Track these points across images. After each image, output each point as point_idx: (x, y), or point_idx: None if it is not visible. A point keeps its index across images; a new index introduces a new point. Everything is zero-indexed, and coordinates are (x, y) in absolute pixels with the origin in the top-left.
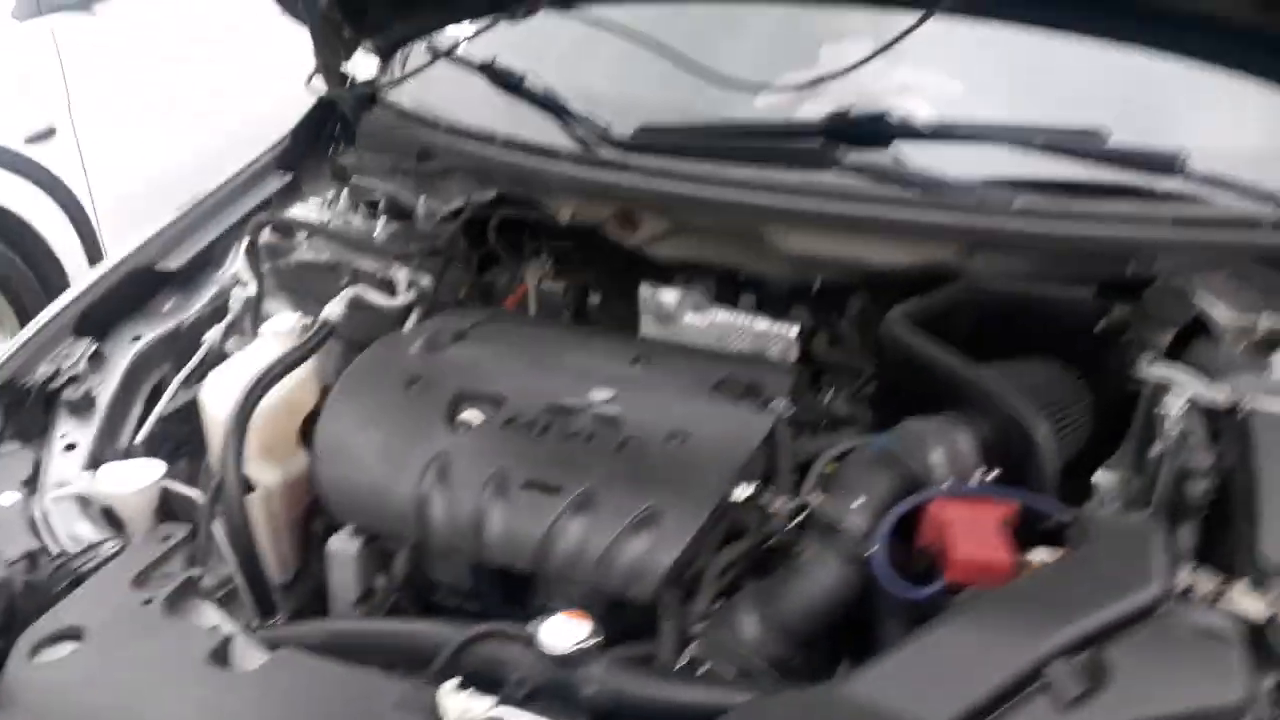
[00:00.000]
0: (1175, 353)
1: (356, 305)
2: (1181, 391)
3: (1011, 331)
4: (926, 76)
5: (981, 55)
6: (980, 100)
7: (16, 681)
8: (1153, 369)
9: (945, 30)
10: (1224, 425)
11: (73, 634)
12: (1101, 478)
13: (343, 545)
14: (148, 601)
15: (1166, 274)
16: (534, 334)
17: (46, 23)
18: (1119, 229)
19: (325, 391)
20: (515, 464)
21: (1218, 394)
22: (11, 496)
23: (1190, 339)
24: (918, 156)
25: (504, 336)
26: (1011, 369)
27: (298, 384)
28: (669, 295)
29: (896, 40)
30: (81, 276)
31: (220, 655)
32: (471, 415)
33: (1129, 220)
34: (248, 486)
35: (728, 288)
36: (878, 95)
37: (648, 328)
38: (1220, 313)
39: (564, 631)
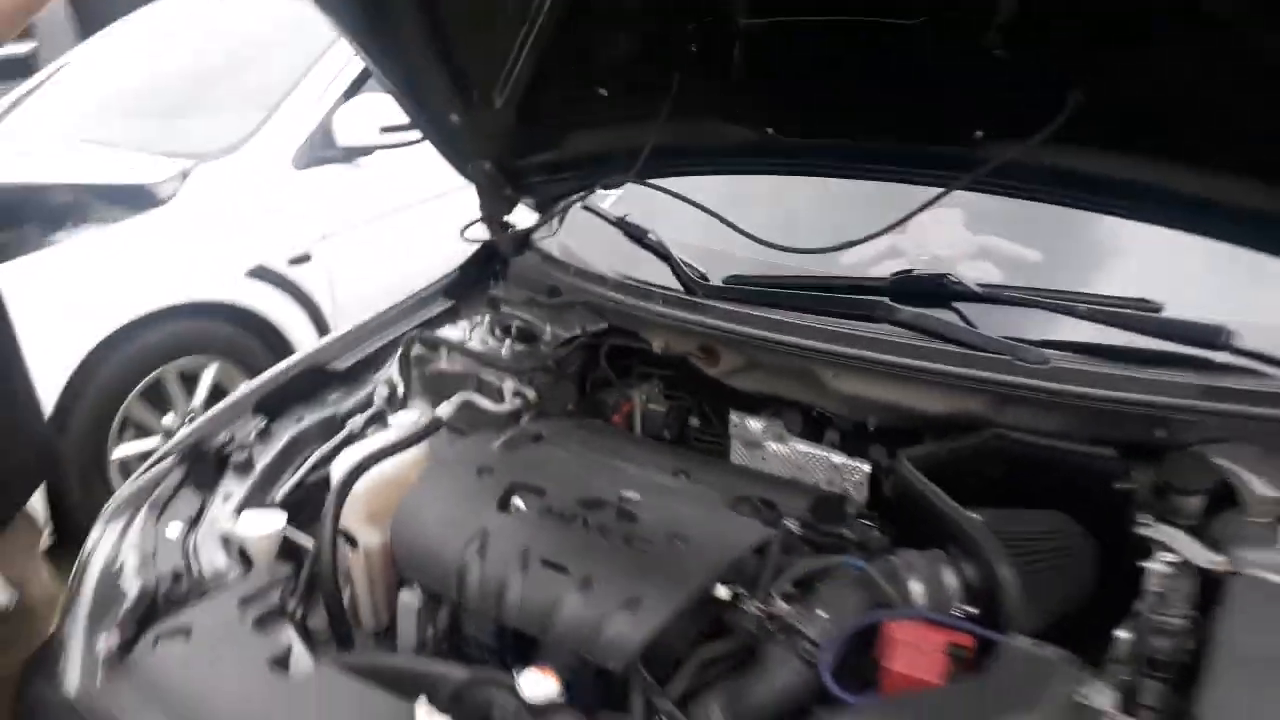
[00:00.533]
0: (1204, 520)
1: (468, 407)
2: (1167, 551)
3: (1036, 482)
4: (1005, 245)
5: (1059, 226)
6: (1055, 268)
7: (139, 660)
8: (1147, 528)
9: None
10: (1213, 590)
11: (184, 631)
12: (1122, 631)
13: (408, 598)
14: (244, 618)
15: (1195, 442)
16: (601, 443)
17: (318, 172)
18: (1149, 395)
19: None
20: (539, 545)
21: (1211, 558)
22: (176, 528)
23: (1221, 508)
24: (978, 317)
25: (575, 443)
26: (1013, 516)
27: (407, 463)
28: (754, 424)
29: (909, 217)
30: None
31: (280, 663)
32: (518, 502)
33: (1161, 388)
34: (353, 543)
35: (813, 422)
36: (953, 259)
37: (737, 453)
38: (1247, 484)
39: (536, 683)
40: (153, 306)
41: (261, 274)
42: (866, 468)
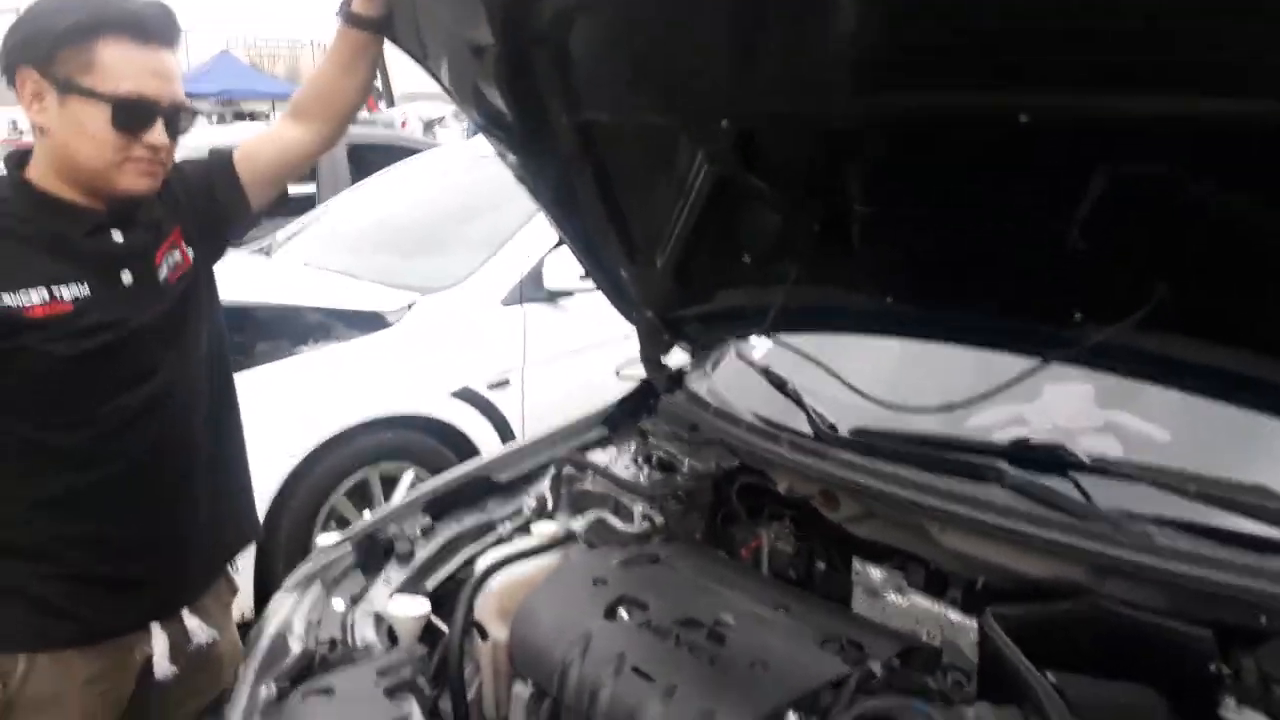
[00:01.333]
0: None
1: (600, 524)
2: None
3: (1127, 655)
4: (1133, 422)
5: (1191, 407)
6: (1182, 449)
7: (288, 709)
8: (1231, 712)
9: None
10: None
11: (327, 690)
12: None
13: (519, 690)
14: (377, 685)
15: None
16: (713, 570)
17: (522, 309)
18: (1253, 580)
19: None
20: (634, 654)
21: None
22: (340, 604)
23: None
24: (1094, 488)
25: (688, 567)
26: (1092, 684)
27: (540, 568)
28: (875, 573)
29: (1005, 386)
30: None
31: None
32: (623, 613)
33: (1267, 574)
34: (484, 635)
35: (935, 578)
36: (1077, 432)
37: (859, 600)
38: None
39: None
40: (368, 415)
41: (464, 394)
42: (975, 625)
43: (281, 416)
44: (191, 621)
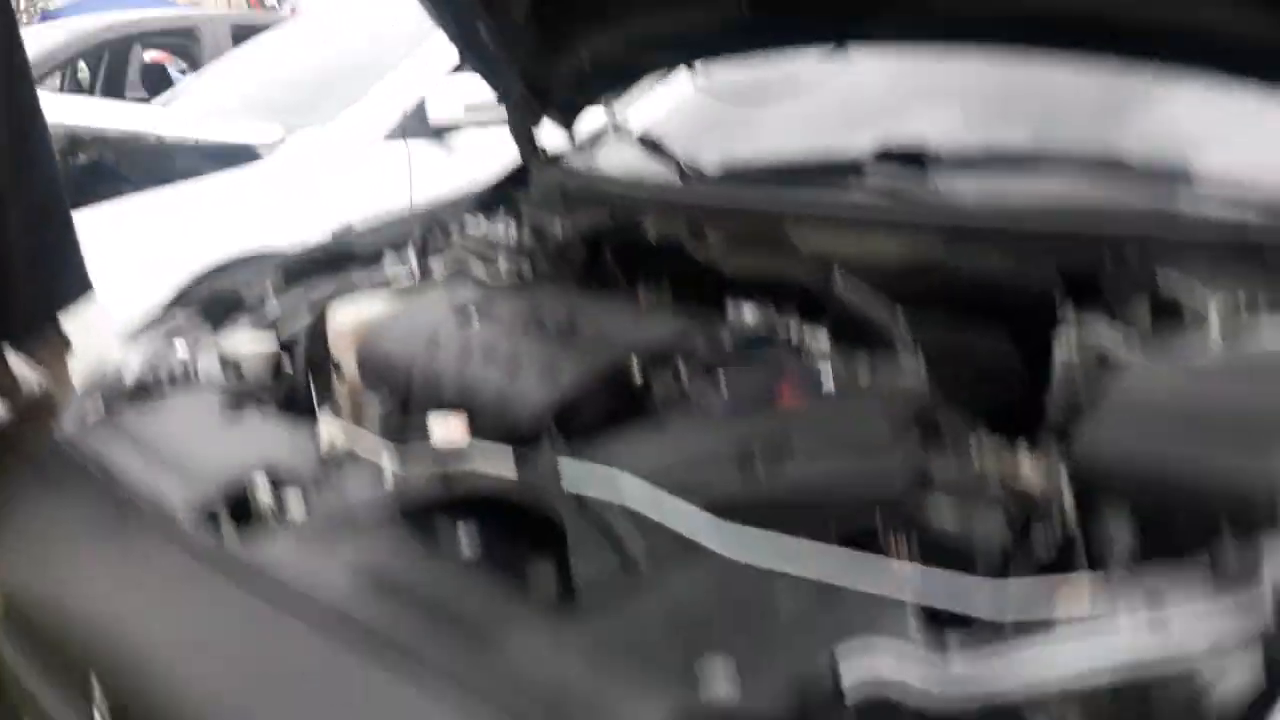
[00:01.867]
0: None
1: (463, 274)
2: (1074, 332)
3: (981, 315)
4: (997, 135)
5: (1052, 116)
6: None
7: (120, 418)
8: (1067, 313)
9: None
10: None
11: (162, 402)
12: None
13: (370, 403)
14: (217, 399)
15: (1143, 267)
16: (577, 296)
17: (405, 146)
18: (1097, 226)
19: None
20: (483, 343)
21: (1119, 340)
22: (183, 345)
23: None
24: (957, 184)
25: (548, 294)
26: (948, 334)
27: (397, 309)
28: (747, 311)
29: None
30: None
31: (234, 416)
32: (474, 318)
33: (1112, 221)
34: (339, 373)
35: (810, 305)
36: (926, 135)
37: None
38: (1191, 298)
39: (443, 425)
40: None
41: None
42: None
43: (144, 256)
44: (16, 360)
